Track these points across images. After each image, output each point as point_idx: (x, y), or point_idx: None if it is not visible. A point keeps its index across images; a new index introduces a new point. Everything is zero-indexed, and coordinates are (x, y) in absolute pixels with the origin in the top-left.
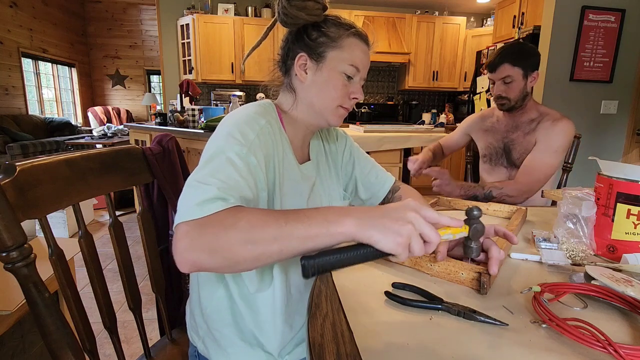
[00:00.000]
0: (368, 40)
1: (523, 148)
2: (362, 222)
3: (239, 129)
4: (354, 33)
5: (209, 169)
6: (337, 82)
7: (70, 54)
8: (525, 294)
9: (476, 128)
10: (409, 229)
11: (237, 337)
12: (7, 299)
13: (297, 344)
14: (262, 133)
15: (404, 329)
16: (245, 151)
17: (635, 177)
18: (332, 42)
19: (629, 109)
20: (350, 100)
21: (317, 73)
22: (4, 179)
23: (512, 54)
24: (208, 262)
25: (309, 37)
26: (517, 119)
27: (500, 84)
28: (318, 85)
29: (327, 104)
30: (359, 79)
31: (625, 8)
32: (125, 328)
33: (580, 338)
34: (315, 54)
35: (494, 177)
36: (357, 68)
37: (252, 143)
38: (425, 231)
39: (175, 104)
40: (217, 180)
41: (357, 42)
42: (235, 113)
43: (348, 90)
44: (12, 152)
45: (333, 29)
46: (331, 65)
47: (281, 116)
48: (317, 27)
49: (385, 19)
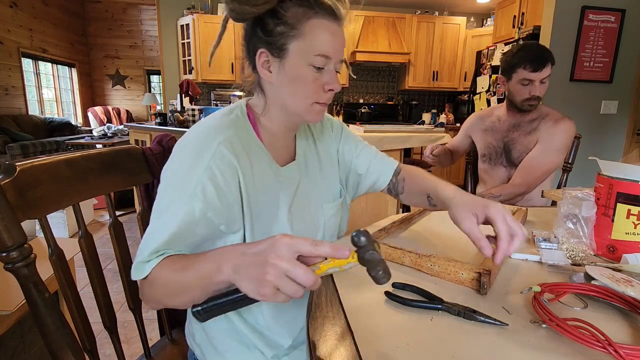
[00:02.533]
0: (338, 12)
1: (523, 147)
2: (235, 270)
3: (185, 168)
4: (316, 12)
5: (155, 224)
6: (305, 77)
7: (70, 54)
8: (525, 294)
9: (475, 128)
10: (270, 278)
11: (234, 341)
12: (7, 299)
13: (294, 346)
14: (213, 162)
15: (404, 329)
16: (187, 197)
17: (635, 177)
18: (292, 30)
19: (629, 109)
20: (325, 93)
21: (282, 70)
22: (4, 179)
23: (551, 53)
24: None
25: (265, 28)
26: (520, 118)
27: (539, 84)
28: (286, 84)
29: (299, 103)
30: (333, 66)
31: (625, 8)
32: (125, 328)
33: (580, 338)
34: (275, 49)
35: (493, 176)
36: (326, 56)
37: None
38: (292, 275)
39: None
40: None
41: (322, 24)
42: (191, 135)
43: (321, 83)
44: (12, 152)
45: (291, 12)
46: (296, 59)
47: (254, 120)
48: (274, 14)
49: (385, 19)
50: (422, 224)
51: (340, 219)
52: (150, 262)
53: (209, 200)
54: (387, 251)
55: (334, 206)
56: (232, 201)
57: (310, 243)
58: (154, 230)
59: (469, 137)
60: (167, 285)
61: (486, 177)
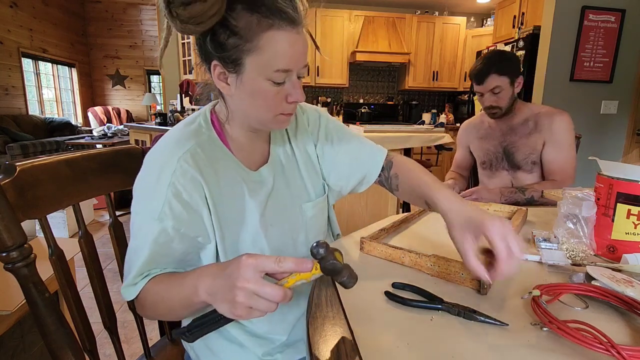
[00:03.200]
0: (295, 16)
1: (529, 149)
2: (210, 293)
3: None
4: (272, 22)
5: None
6: (265, 92)
7: (70, 54)
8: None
9: (471, 137)
10: (242, 296)
11: (227, 341)
12: (7, 299)
13: (289, 344)
14: (176, 179)
15: (404, 329)
16: (157, 216)
17: (635, 177)
18: (246, 44)
19: (629, 109)
20: (289, 104)
21: (239, 85)
22: (4, 179)
23: (497, 63)
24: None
25: (216, 39)
26: (509, 122)
27: (490, 95)
28: (245, 98)
29: (261, 116)
30: (295, 77)
31: (625, 8)
32: (125, 328)
33: (582, 341)
34: (229, 63)
35: (496, 181)
36: (286, 70)
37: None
38: (261, 294)
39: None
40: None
41: (279, 35)
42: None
43: (283, 95)
44: (12, 152)
45: (243, 22)
46: (252, 75)
47: (219, 127)
48: (224, 24)
49: (385, 19)
50: (422, 223)
51: (326, 219)
52: (137, 285)
53: (178, 216)
54: (387, 251)
55: (314, 205)
56: (201, 214)
57: (273, 261)
58: (134, 251)
59: (468, 149)
60: (154, 306)
61: (488, 182)
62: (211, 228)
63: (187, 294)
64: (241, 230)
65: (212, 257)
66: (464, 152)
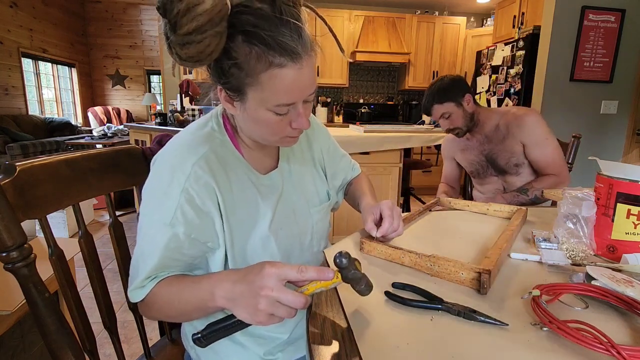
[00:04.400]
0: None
1: (508, 153)
2: (229, 299)
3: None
4: (272, 59)
5: (143, 248)
6: (269, 121)
7: (70, 54)
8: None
9: (455, 150)
10: (264, 304)
11: (228, 340)
12: (7, 299)
13: (290, 342)
14: (189, 184)
15: (404, 329)
16: (169, 221)
17: (635, 177)
18: (247, 78)
19: (629, 109)
20: (293, 130)
21: (244, 111)
22: (4, 179)
23: (435, 95)
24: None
25: (220, 67)
26: (482, 132)
27: (443, 120)
28: (249, 122)
29: (267, 138)
30: (299, 107)
31: (625, 8)
32: (125, 328)
33: (582, 341)
34: (233, 90)
35: (489, 187)
36: (289, 104)
37: (177, 207)
38: (283, 301)
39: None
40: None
41: (281, 74)
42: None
43: (287, 121)
44: (12, 152)
45: (242, 52)
46: (255, 106)
47: (231, 131)
48: (226, 54)
49: (385, 19)
50: (422, 223)
51: (328, 223)
52: (145, 288)
53: (190, 222)
54: (387, 251)
55: (320, 209)
56: (212, 220)
57: (296, 270)
58: (143, 255)
59: (454, 160)
60: (163, 308)
61: (481, 188)
62: (222, 234)
63: (202, 298)
64: (251, 234)
65: (221, 262)
66: (450, 164)
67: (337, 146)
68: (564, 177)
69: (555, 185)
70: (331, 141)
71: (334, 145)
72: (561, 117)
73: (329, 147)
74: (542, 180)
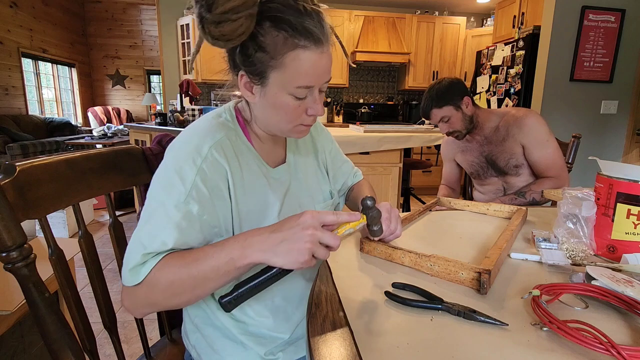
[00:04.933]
0: (322, 37)
1: (507, 154)
2: (265, 251)
3: (178, 171)
4: (297, 42)
5: (149, 228)
6: (287, 105)
7: (70, 54)
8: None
9: (454, 151)
10: (308, 246)
11: (229, 340)
12: (7, 299)
13: (291, 342)
14: (205, 165)
15: (404, 329)
16: (184, 199)
17: (635, 177)
18: (272, 60)
19: (629, 109)
20: (308, 117)
21: (263, 96)
22: (4, 179)
23: (433, 99)
24: (153, 311)
25: (245, 52)
26: (481, 133)
27: (442, 124)
28: (267, 108)
29: (282, 126)
30: (316, 93)
31: (625, 8)
32: (125, 328)
33: (582, 341)
34: (255, 75)
35: (489, 188)
36: (308, 87)
37: (192, 186)
38: (324, 240)
39: (175, 104)
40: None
41: (304, 55)
42: (181, 139)
43: (304, 108)
44: (12, 152)
45: (270, 39)
46: (275, 89)
47: (243, 124)
48: (252, 38)
49: (385, 19)
50: (422, 223)
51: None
52: (147, 264)
53: (204, 201)
54: (387, 251)
55: (324, 207)
56: (223, 203)
57: (331, 214)
58: (150, 234)
59: (454, 161)
60: (171, 283)
61: (481, 189)
62: (230, 219)
63: (227, 259)
64: (260, 224)
65: None
66: (450, 165)
67: (339, 151)
68: (563, 180)
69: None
70: (334, 145)
71: (336, 149)
72: (561, 117)
73: (332, 149)
74: (541, 183)
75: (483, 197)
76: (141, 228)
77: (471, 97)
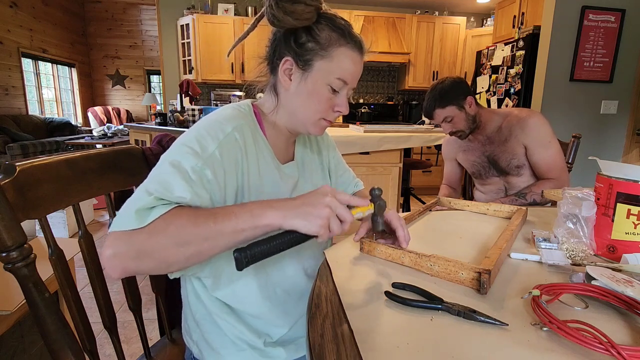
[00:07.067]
0: (363, 47)
1: (509, 155)
2: (286, 213)
3: (199, 140)
4: (347, 42)
5: (160, 179)
6: (322, 95)
7: (70, 54)
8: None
9: (456, 151)
10: (327, 212)
11: (228, 339)
12: (7, 299)
13: (291, 340)
14: (226, 141)
15: (404, 329)
16: (201, 164)
17: (635, 177)
18: (322, 51)
19: (629, 109)
20: (334, 113)
21: (302, 82)
22: (4, 179)
23: (437, 99)
24: (136, 266)
25: (297, 40)
26: (484, 133)
27: (445, 124)
28: (301, 95)
29: (309, 115)
30: (347, 91)
31: (625, 8)
32: (125, 328)
33: (582, 341)
34: (302, 61)
35: (491, 187)
36: (345, 81)
37: (210, 156)
38: (340, 212)
39: (175, 104)
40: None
41: (349, 53)
42: (206, 118)
43: (333, 103)
44: (12, 152)
45: (324, 34)
46: (317, 77)
47: (260, 118)
48: (307, 30)
49: (385, 19)
50: (423, 223)
51: None
52: (157, 209)
53: (217, 174)
54: (387, 251)
55: None
56: (234, 183)
57: (345, 194)
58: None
59: (455, 161)
60: (182, 228)
61: (482, 189)
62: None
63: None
64: None
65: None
66: (452, 165)
67: (342, 160)
68: (564, 182)
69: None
70: (337, 153)
71: (339, 157)
72: (561, 117)
73: (335, 156)
74: (541, 185)
75: (484, 197)
76: (151, 181)
77: (474, 97)
